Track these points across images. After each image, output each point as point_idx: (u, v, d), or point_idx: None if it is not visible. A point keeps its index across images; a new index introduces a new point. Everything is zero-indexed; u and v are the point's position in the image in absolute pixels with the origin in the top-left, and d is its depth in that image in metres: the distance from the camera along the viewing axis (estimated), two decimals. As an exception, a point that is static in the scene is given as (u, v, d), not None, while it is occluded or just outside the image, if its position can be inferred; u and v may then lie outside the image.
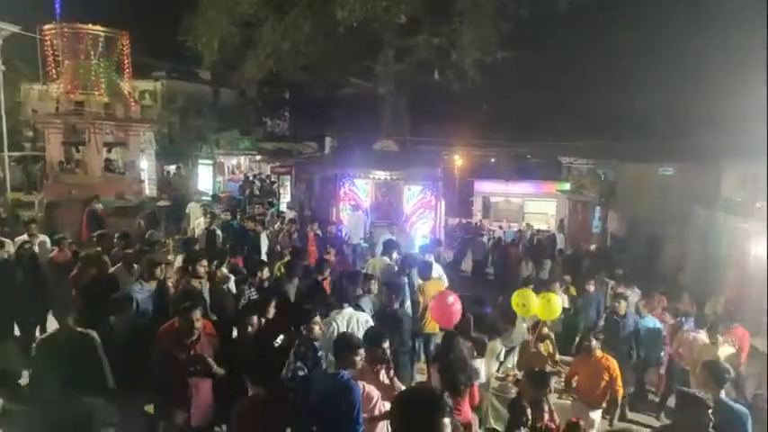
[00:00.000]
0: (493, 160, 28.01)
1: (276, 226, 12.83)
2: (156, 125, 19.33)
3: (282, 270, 7.78)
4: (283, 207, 18.24)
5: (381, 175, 15.85)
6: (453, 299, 6.53)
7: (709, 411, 3.79)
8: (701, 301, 9.46)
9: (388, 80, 18.07)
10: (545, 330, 6.58)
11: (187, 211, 14.11)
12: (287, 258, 8.46)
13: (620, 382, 5.98)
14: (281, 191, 21.86)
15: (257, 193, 20.72)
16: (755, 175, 12.31)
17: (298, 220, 13.14)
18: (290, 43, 16.68)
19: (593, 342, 5.89)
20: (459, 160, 27.23)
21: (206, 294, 6.16)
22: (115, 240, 8.21)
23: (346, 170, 15.96)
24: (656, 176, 16.42)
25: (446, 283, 9.55)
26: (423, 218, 15.85)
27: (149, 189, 18.83)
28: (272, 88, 26.39)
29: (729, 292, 11.74)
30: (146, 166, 19.46)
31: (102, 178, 15.64)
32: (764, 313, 10.72)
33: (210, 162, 23.81)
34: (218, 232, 11.02)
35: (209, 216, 11.37)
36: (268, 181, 23.83)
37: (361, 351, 4.18)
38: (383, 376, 4.43)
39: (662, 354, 7.91)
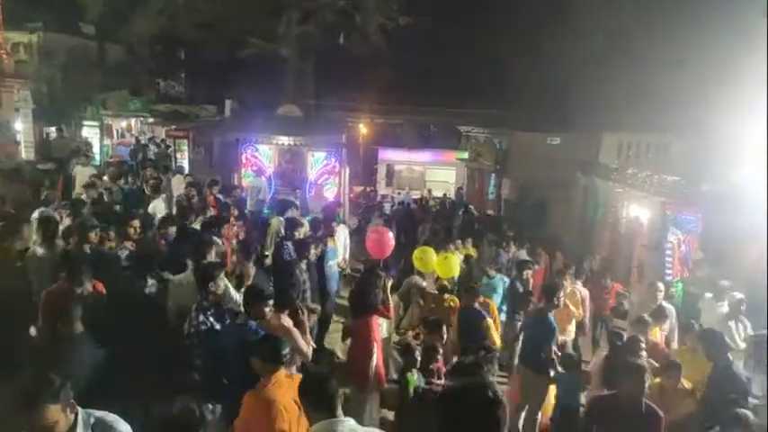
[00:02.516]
0: (396, 128, 28.44)
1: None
2: (33, 82, 17.56)
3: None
4: (180, 172, 17.45)
5: (285, 140, 15.69)
6: (390, 234, 6.98)
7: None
8: (580, 257, 10.42)
9: (291, 43, 17.68)
10: (444, 283, 7.06)
11: (72, 174, 13.11)
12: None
13: (497, 322, 6.72)
14: (179, 155, 20.84)
15: (152, 157, 19.58)
16: (630, 144, 13.62)
17: (197, 184, 12.68)
18: (184, -1, 15.77)
19: (478, 293, 6.48)
20: (363, 128, 27.37)
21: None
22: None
23: (248, 135, 15.61)
24: (544, 145, 17.67)
25: (347, 248, 9.85)
26: (327, 184, 15.95)
27: (26, 152, 17.19)
28: (166, 46, 24.75)
29: (604, 249, 13.06)
30: (21, 127, 17.68)
31: (-30, 139, 14.10)
32: (632, 269, 12.07)
33: (97, 124, 22.01)
34: (106, 197, 10.43)
35: (94, 179, 10.70)
36: (163, 145, 22.55)
37: (271, 302, 4.30)
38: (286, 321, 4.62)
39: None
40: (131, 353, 4.06)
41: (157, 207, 10.36)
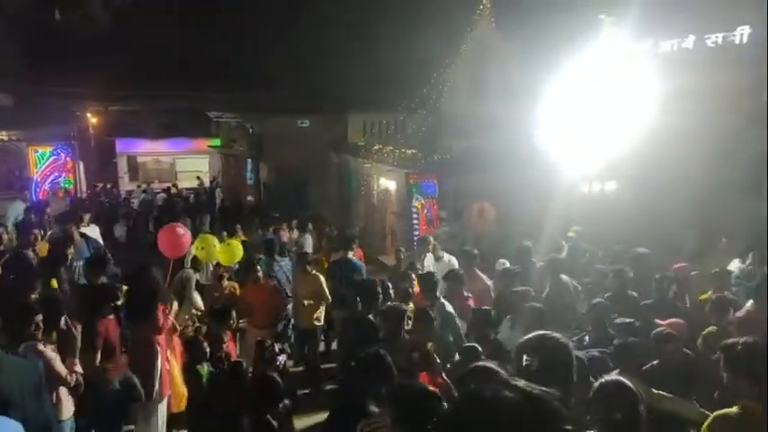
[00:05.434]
0: (135, 117, 25.87)
1: None
2: None
3: None
4: None
5: (-6, 135, 13.36)
6: (183, 230, 6.54)
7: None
8: (343, 228, 11.25)
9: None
10: (221, 271, 6.91)
11: None
12: None
13: (278, 301, 6.86)
14: None
15: None
16: (372, 123, 15.02)
17: None
18: None
19: (259, 271, 6.57)
20: (93, 117, 24.21)
21: None
22: None
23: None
24: (296, 128, 18.26)
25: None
26: (58, 183, 14.23)
27: None
28: None
29: (362, 220, 14.28)
30: None
31: None
32: (387, 235, 13.48)
33: None
34: None
35: None
36: None
37: (39, 317, 3.67)
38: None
39: None
40: None
41: None
